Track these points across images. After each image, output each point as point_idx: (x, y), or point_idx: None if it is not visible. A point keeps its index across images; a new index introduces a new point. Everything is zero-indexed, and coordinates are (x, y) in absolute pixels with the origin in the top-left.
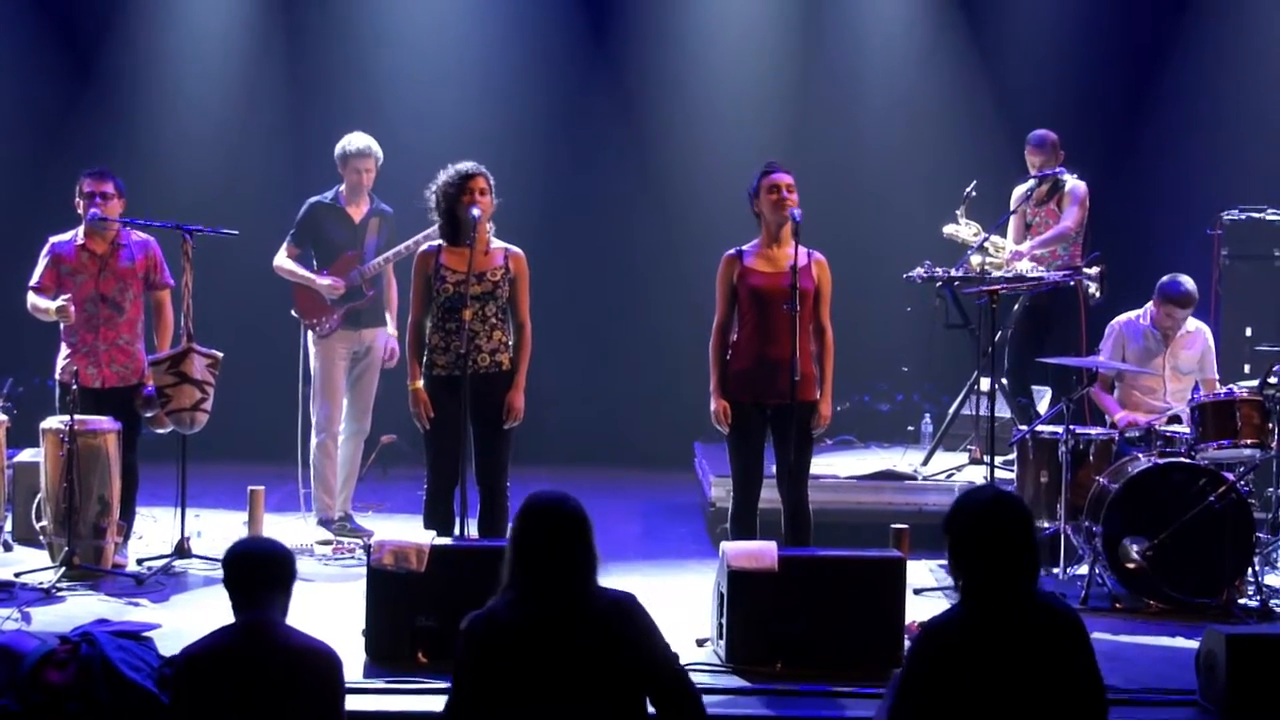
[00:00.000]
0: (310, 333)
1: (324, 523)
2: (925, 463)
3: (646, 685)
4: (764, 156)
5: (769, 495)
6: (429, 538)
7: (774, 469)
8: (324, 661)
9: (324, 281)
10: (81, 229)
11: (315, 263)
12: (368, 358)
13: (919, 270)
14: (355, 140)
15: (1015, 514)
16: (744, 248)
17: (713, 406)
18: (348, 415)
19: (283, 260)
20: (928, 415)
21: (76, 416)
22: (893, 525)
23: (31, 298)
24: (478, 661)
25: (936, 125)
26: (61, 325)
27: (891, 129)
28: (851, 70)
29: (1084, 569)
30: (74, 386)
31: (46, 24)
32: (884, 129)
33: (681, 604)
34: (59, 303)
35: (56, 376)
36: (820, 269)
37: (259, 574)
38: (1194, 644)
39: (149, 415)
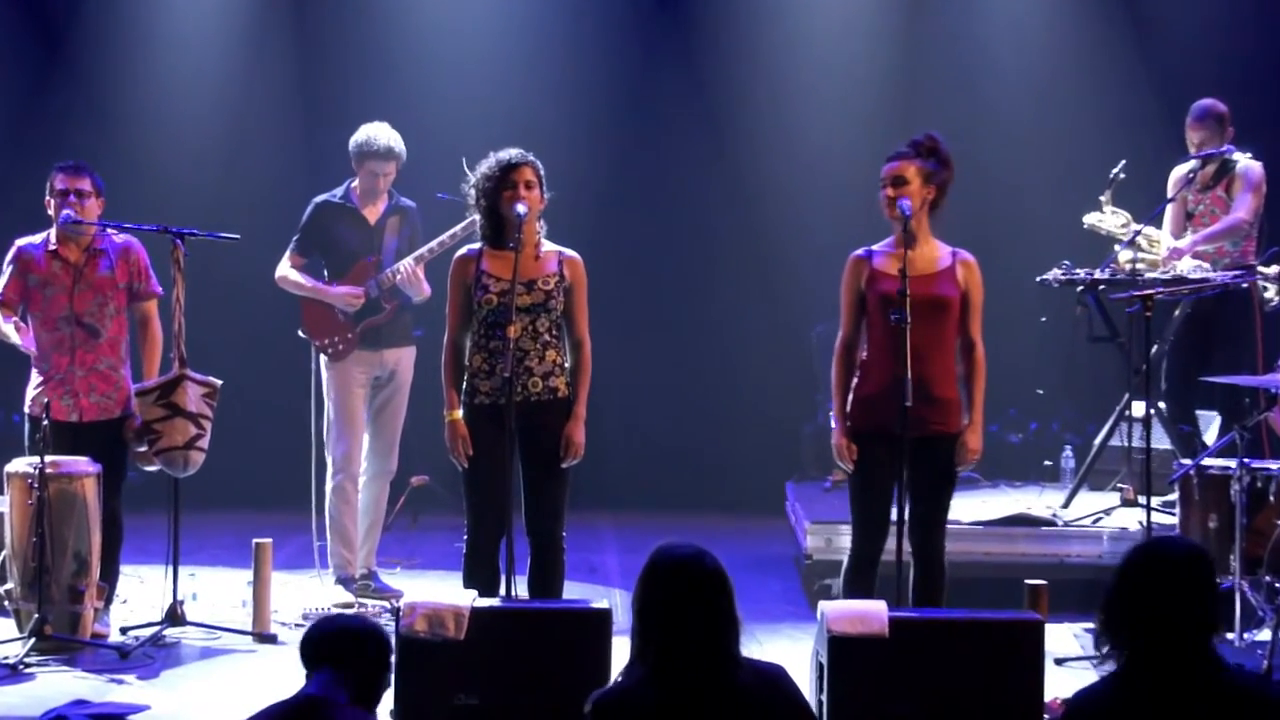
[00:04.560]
0: (322, 356)
1: (343, 581)
2: (1066, 505)
3: None
4: (865, 141)
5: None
6: (469, 599)
7: (902, 513)
8: None
9: (339, 291)
10: (53, 232)
11: (326, 273)
12: (392, 383)
13: (1056, 272)
14: (376, 137)
15: (1196, 569)
16: (874, 247)
17: (834, 440)
18: (370, 453)
19: (286, 271)
20: (1069, 448)
21: (48, 457)
22: (1028, 581)
23: None
24: None
25: (1075, 96)
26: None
27: (1020, 102)
28: (970, 34)
29: (1265, 634)
30: (45, 421)
31: None
32: (1011, 102)
33: None
34: (14, 336)
35: (25, 409)
36: (967, 272)
37: (323, 650)
38: None
39: (141, 449)
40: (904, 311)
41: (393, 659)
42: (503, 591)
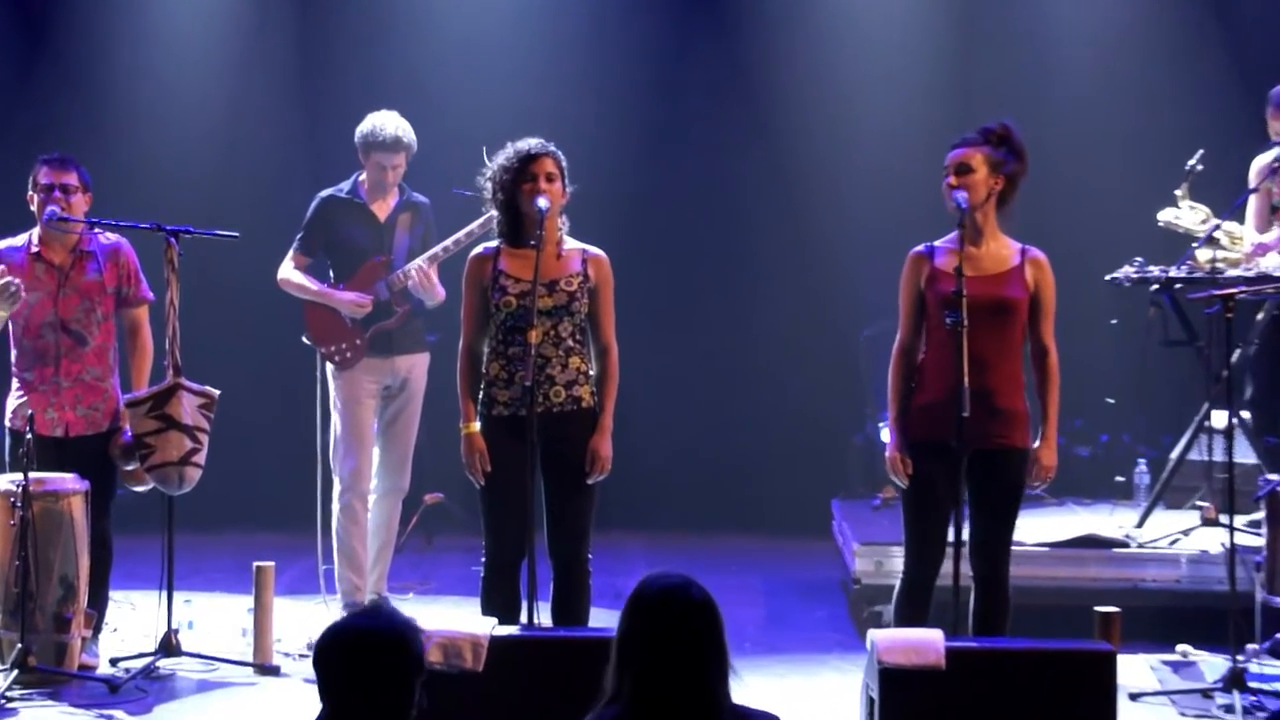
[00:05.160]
0: (328, 363)
1: (351, 608)
2: (1141, 524)
3: None
4: (919, 127)
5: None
6: (488, 627)
7: (960, 533)
8: None
9: (345, 298)
10: (36, 231)
11: (332, 274)
12: (404, 393)
13: (1128, 270)
14: (383, 127)
15: None
16: (936, 243)
17: (888, 452)
18: (380, 469)
19: (289, 272)
20: (1143, 462)
21: (32, 474)
22: (1098, 608)
23: None
24: None
25: (1148, 81)
26: (12, 355)
27: (1088, 86)
28: (1035, 13)
29: None
30: (28, 435)
31: None
32: (1078, 86)
33: (819, 710)
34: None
35: (5, 423)
36: (1038, 271)
37: (334, 670)
38: None
39: (129, 468)
40: (960, 313)
41: (424, 658)
42: (524, 619)
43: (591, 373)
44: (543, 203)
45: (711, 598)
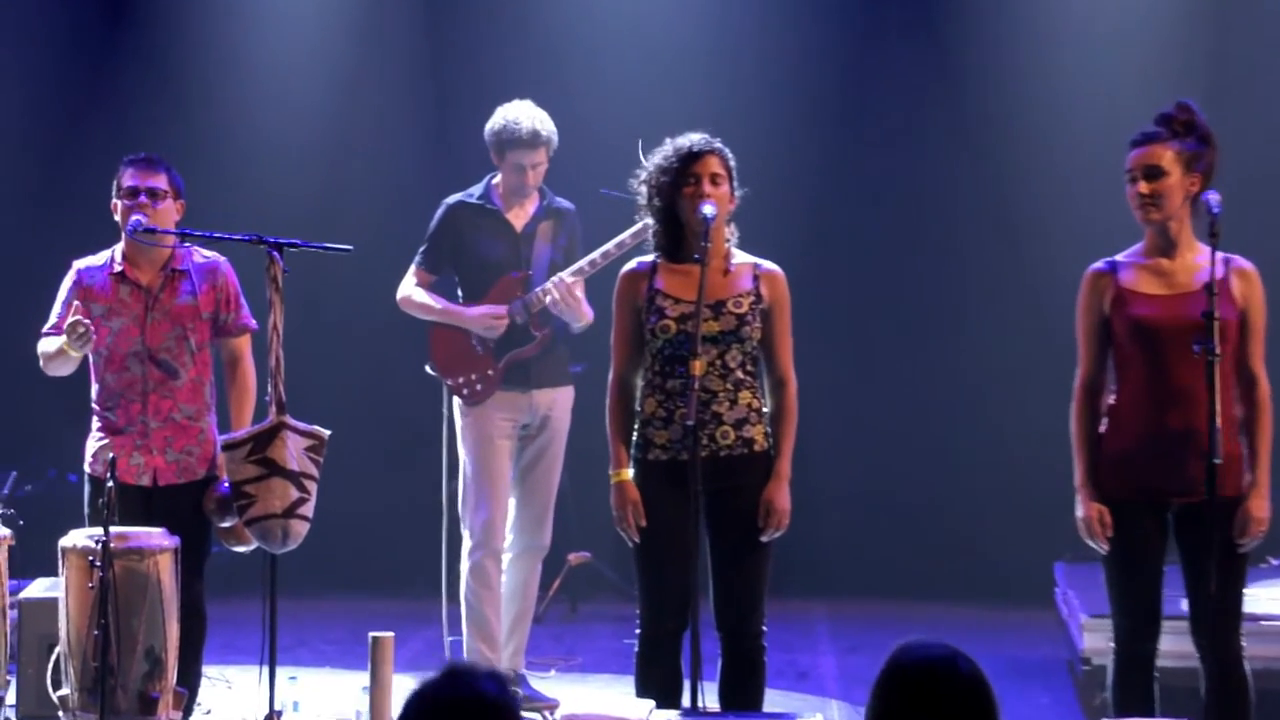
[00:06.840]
0: (456, 398)
1: None
2: None
3: None
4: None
5: (1173, 647)
6: (644, 710)
7: (1184, 606)
8: None
9: (476, 313)
10: (120, 247)
11: (461, 293)
12: (544, 433)
13: None
14: (517, 120)
15: None
16: (1118, 258)
17: (1080, 511)
18: (517, 523)
19: (411, 290)
20: None
21: (114, 528)
22: None
23: (42, 345)
24: None
25: None
26: (93, 391)
27: None
28: None
29: None
30: (110, 483)
31: None
32: None
33: None
34: (70, 321)
35: (85, 468)
36: (1246, 284)
37: None
38: None
39: (225, 525)
40: (1212, 340)
41: None
42: (686, 701)
43: (765, 410)
44: (707, 209)
45: (982, 673)
